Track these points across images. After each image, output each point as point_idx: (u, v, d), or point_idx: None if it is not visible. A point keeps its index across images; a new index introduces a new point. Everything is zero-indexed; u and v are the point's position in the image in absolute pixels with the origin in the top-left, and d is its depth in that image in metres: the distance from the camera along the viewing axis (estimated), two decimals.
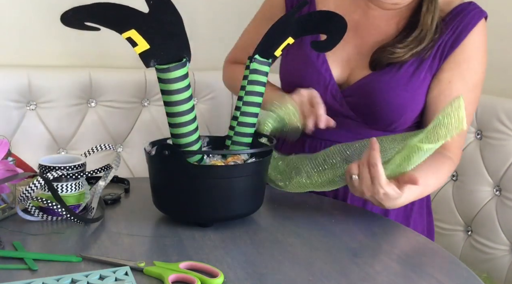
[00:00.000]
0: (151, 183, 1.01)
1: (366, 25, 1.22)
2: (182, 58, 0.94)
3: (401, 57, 1.16)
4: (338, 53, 1.21)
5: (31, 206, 0.97)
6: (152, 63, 0.93)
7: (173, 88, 0.94)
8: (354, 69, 1.22)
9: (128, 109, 1.66)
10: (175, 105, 0.95)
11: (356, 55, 1.22)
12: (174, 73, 0.93)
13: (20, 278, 0.78)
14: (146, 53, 0.92)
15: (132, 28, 0.90)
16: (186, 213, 0.98)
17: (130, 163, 1.68)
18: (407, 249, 0.94)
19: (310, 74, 1.22)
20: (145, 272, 0.81)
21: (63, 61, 1.68)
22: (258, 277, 0.82)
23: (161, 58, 0.93)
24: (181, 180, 0.95)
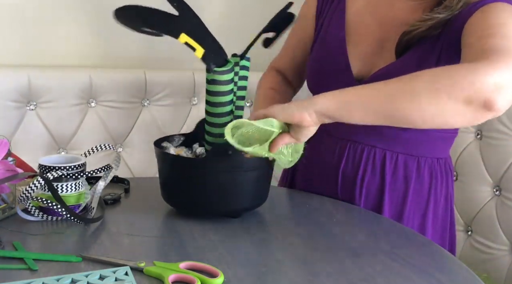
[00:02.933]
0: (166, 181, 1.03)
1: (390, 19, 1.18)
2: (225, 60, 0.98)
3: (415, 30, 1.07)
4: (361, 48, 1.19)
5: (31, 206, 0.97)
6: (212, 66, 0.95)
7: (225, 89, 0.98)
8: (376, 64, 1.18)
9: (128, 109, 1.66)
10: (221, 106, 0.99)
11: (380, 50, 1.18)
12: (229, 74, 0.98)
13: (20, 278, 0.78)
14: (205, 57, 0.95)
15: (181, 31, 0.91)
16: (216, 206, 1.01)
17: (130, 163, 1.69)
18: (407, 249, 0.94)
19: (330, 67, 1.20)
20: (145, 272, 0.81)
21: (63, 61, 1.68)
22: (258, 277, 0.82)
23: (214, 61, 0.96)
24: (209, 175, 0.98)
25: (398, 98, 0.85)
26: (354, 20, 1.22)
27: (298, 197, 1.17)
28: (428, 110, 0.84)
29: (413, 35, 1.09)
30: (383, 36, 1.18)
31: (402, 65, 1.11)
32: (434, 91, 0.82)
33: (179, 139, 1.10)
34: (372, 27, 1.19)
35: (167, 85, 1.68)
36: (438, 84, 0.82)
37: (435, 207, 1.22)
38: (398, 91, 0.85)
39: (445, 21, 1.07)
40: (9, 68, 1.58)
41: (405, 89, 0.85)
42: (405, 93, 0.84)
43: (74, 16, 1.66)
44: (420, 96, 0.83)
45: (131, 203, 1.11)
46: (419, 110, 0.84)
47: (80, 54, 1.70)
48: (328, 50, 1.22)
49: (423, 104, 0.83)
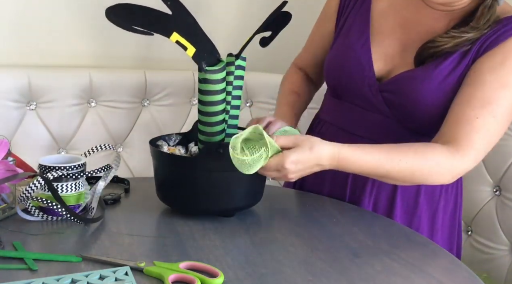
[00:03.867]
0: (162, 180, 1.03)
1: (414, 23, 1.17)
2: (218, 59, 0.98)
3: (442, 45, 1.09)
4: (383, 48, 1.19)
5: (31, 206, 0.97)
6: (204, 65, 0.95)
7: (217, 89, 0.98)
8: (396, 66, 1.17)
9: (128, 109, 1.66)
10: (212, 105, 0.99)
11: (401, 52, 1.17)
12: (221, 73, 0.98)
13: (20, 278, 0.78)
14: (196, 56, 0.94)
15: (173, 30, 0.92)
16: (208, 205, 1.01)
17: (130, 163, 1.68)
18: (407, 249, 0.94)
19: (351, 63, 1.19)
20: (145, 272, 0.81)
21: (63, 61, 1.68)
22: (258, 277, 0.82)
23: (206, 60, 0.96)
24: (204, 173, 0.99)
25: (387, 178, 1.05)
26: (378, 20, 1.21)
27: (298, 197, 1.17)
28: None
29: (439, 49, 1.10)
30: (405, 39, 1.17)
31: (424, 74, 1.11)
32: (423, 182, 1.08)
33: (176, 138, 1.10)
34: (396, 29, 1.19)
35: (167, 85, 1.68)
36: (427, 181, 1.07)
37: (444, 209, 1.22)
38: (388, 173, 1.03)
39: (473, 40, 1.08)
40: (9, 68, 1.58)
41: (407, 180, 1.06)
42: (393, 176, 1.03)
43: (74, 16, 1.66)
44: (406, 181, 1.06)
45: (131, 203, 1.11)
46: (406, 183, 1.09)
47: (80, 54, 1.70)
48: (351, 47, 1.21)
49: (410, 184, 1.13)
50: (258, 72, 1.61)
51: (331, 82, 1.26)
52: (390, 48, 1.18)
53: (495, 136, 1.06)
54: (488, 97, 1.04)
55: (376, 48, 1.19)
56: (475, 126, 1.04)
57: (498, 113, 1.04)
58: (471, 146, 1.04)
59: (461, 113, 1.05)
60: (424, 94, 1.10)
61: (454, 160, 1.04)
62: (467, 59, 1.09)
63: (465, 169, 1.06)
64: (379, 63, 1.18)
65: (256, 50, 1.11)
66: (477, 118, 1.04)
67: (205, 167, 0.98)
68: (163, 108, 1.69)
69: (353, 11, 1.25)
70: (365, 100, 1.18)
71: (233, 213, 1.04)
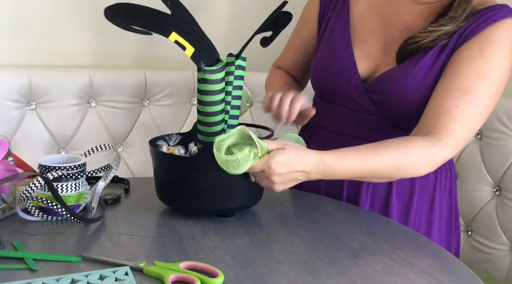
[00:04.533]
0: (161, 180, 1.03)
1: (394, 21, 1.20)
2: (217, 59, 0.98)
3: (421, 41, 1.12)
4: (366, 48, 1.21)
5: (31, 206, 0.97)
6: (202, 65, 0.95)
7: (216, 89, 0.98)
8: (380, 65, 1.19)
9: (128, 109, 1.66)
10: (212, 105, 0.99)
11: (384, 51, 1.20)
12: (220, 73, 0.98)
13: (20, 278, 0.78)
14: (195, 56, 0.94)
15: (172, 30, 0.92)
16: (206, 205, 1.01)
17: (130, 163, 1.68)
18: (407, 249, 0.94)
19: (336, 67, 1.22)
20: (145, 272, 0.81)
21: (63, 61, 1.68)
22: (258, 277, 0.82)
23: (205, 60, 0.96)
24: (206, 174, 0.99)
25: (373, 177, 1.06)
26: (358, 21, 1.23)
27: (298, 197, 1.17)
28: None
29: (419, 44, 1.12)
30: (387, 38, 1.20)
31: (405, 71, 1.14)
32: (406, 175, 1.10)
33: (176, 138, 1.10)
34: (376, 28, 1.21)
35: (167, 85, 1.68)
36: (410, 174, 1.09)
37: (440, 203, 1.24)
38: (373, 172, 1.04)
39: (451, 33, 1.11)
40: (9, 68, 1.58)
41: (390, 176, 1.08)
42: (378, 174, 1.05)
43: (74, 16, 1.66)
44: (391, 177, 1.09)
45: (131, 203, 1.11)
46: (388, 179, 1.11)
47: (80, 54, 1.70)
48: (334, 51, 1.23)
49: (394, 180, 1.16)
50: (258, 72, 1.61)
51: (319, 86, 1.27)
52: (373, 48, 1.20)
53: (475, 124, 1.09)
54: (467, 87, 1.06)
55: (359, 50, 1.21)
56: (455, 115, 1.06)
57: (477, 102, 1.06)
58: (451, 135, 1.06)
59: (441, 103, 1.07)
60: (407, 91, 1.13)
61: (435, 150, 1.05)
62: (446, 52, 1.12)
63: (446, 158, 1.09)
64: (363, 64, 1.20)
65: (256, 50, 1.11)
66: (456, 107, 1.06)
67: (203, 167, 0.98)
68: (163, 108, 1.69)
69: (333, 15, 1.27)
70: (353, 101, 1.20)
71: (232, 213, 1.04)
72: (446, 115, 1.06)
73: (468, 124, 1.07)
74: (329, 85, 1.23)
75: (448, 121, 1.06)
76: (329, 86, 1.24)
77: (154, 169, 1.05)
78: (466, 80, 1.07)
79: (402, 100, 1.14)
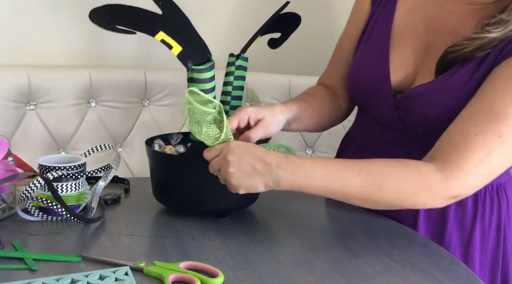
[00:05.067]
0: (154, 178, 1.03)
1: (439, 23, 1.02)
2: (208, 58, 0.98)
3: (462, 49, 0.93)
4: (405, 54, 1.04)
5: (31, 206, 0.97)
6: (190, 64, 0.95)
7: (205, 88, 0.97)
8: (418, 76, 1.03)
9: (128, 109, 1.66)
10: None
11: (423, 58, 1.03)
12: (209, 73, 0.97)
13: (20, 278, 0.78)
14: (182, 55, 0.94)
15: (160, 30, 0.92)
16: (208, 206, 1.00)
17: (130, 163, 1.68)
18: (407, 249, 0.94)
19: (367, 76, 1.07)
20: (145, 272, 0.81)
21: (63, 61, 1.68)
22: (258, 277, 0.82)
23: (193, 59, 0.96)
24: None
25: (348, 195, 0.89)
26: (403, 19, 1.07)
27: (298, 197, 1.17)
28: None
29: (459, 54, 0.94)
30: (429, 42, 1.03)
31: (435, 87, 0.98)
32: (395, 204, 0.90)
33: (178, 137, 1.10)
34: (419, 30, 1.05)
35: (167, 85, 1.68)
36: (399, 201, 0.89)
37: (482, 239, 1.05)
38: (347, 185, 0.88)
39: (496, 42, 0.92)
40: (9, 68, 1.58)
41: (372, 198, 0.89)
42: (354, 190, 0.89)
43: (74, 16, 1.66)
44: (379, 204, 0.91)
45: (131, 203, 1.11)
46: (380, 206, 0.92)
47: (80, 54, 1.69)
48: (368, 57, 1.09)
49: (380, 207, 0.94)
50: (259, 72, 1.61)
51: (352, 93, 1.14)
52: (412, 54, 1.04)
53: (501, 160, 0.88)
54: (496, 112, 0.87)
55: (397, 55, 1.05)
56: (473, 144, 0.86)
57: (507, 133, 0.86)
58: (461, 166, 0.86)
59: (459, 127, 0.89)
60: (434, 110, 0.97)
61: (432, 179, 0.86)
62: (485, 65, 0.93)
63: (451, 193, 0.88)
64: (399, 74, 1.04)
65: (257, 50, 1.11)
66: (476, 135, 0.86)
67: (190, 166, 0.98)
68: (163, 108, 1.69)
69: (378, 10, 1.11)
70: (383, 116, 1.05)
71: (225, 215, 1.03)
72: (462, 142, 0.87)
73: (490, 159, 0.86)
74: (364, 96, 1.09)
75: (462, 150, 0.86)
76: (361, 95, 1.10)
77: (150, 169, 1.05)
78: (498, 104, 0.87)
79: (427, 122, 0.97)
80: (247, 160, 0.88)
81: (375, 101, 1.06)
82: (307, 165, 0.88)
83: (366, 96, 1.08)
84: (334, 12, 1.72)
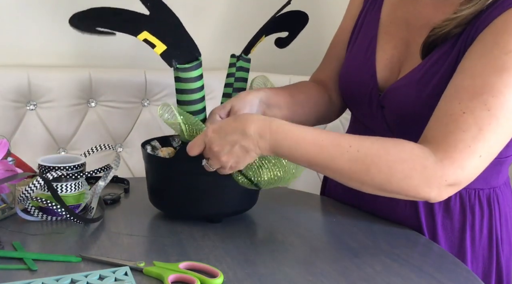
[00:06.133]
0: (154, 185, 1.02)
1: (416, 16, 1.01)
2: (196, 58, 0.97)
3: (441, 31, 0.91)
4: (389, 51, 1.03)
5: (30, 206, 0.97)
6: (174, 63, 0.95)
7: (191, 87, 0.97)
8: (401, 72, 1.01)
9: (128, 109, 1.66)
10: (190, 104, 0.98)
11: (406, 53, 1.01)
12: (195, 72, 0.96)
13: (20, 278, 0.78)
14: (166, 54, 0.94)
15: (143, 30, 0.92)
16: (201, 211, 0.99)
17: (130, 163, 1.68)
18: (407, 249, 0.94)
19: (355, 73, 1.06)
20: (145, 272, 0.81)
21: (63, 61, 1.68)
22: (258, 277, 0.81)
23: (179, 58, 0.95)
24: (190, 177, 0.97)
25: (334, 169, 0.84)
26: (388, 17, 1.06)
27: (298, 197, 1.17)
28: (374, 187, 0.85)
29: (438, 35, 0.93)
30: (409, 38, 1.01)
31: (405, 79, 0.97)
32: (386, 186, 0.83)
33: (179, 139, 1.09)
34: (401, 26, 1.03)
35: (167, 85, 1.68)
36: (390, 183, 0.83)
37: (473, 249, 1.02)
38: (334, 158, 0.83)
39: (470, 18, 0.90)
40: (9, 68, 1.58)
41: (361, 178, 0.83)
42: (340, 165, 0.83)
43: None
44: (368, 185, 0.84)
45: (131, 203, 1.11)
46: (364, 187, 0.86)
47: (80, 54, 1.69)
48: (357, 54, 1.08)
49: (369, 190, 0.86)
50: (259, 72, 1.60)
51: (347, 100, 1.11)
52: (396, 50, 1.03)
53: (495, 134, 0.82)
54: (479, 85, 0.83)
55: (383, 53, 1.03)
56: (461, 122, 0.82)
57: (494, 104, 0.81)
58: (454, 146, 0.81)
59: (445, 108, 0.85)
60: (410, 105, 0.94)
61: (426, 160, 0.81)
62: (460, 42, 0.91)
63: (448, 178, 0.82)
64: (385, 72, 1.03)
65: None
66: (464, 112, 0.82)
67: (179, 169, 0.97)
68: None
69: (368, 6, 1.10)
70: (370, 117, 1.04)
71: (219, 220, 1.01)
72: (451, 123, 0.83)
73: (483, 136, 0.81)
74: (350, 93, 1.07)
75: (453, 130, 0.82)
76: (350, 95, 1.08)
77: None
78: (478, 77, 0.83)
79: (405, 119, 0.93)
80: (232, 140, 0.84)
81: (363, 102, 1.04)
82: (292, 137, 0.83)
83: (355, 96, 1.06)
84: (334, 12, 1.72)
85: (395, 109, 0.98)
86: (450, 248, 1.02)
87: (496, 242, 1.02)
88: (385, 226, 1.05)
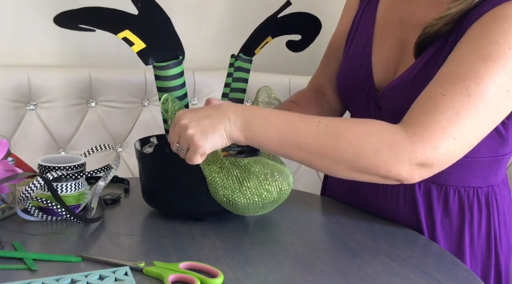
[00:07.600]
0: (147, 182, 1.03)
1: (409, 17, 1.02)
2: (178, 56, 0.96)
3: (431, 29, 0.92)
4: (384, 50, 1.04)
5: (30, 206, 0.97)
6: (151, 61, 0.95)
7: (170, 85, 0.96)
8: (397, 73, 1.02)
9: (128, 109, 1.66)
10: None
11: (400, 53, 1.02)
12: (172, 70, 0.96)
13: (20, 278, 0.78)
14: (143, 52, 0.95)
15: (126, 28, 0.92)
16: (185, 208, 1.00)
17: (130, 163, 1.68)
18: (407, 249, 0.94)
19: (352, 77, 1.06)
20: (145, 272, 0.81)
21: (63, 61, 1.68)
22: (258, 277, 0.81)
23: (158, 56, 0.95)
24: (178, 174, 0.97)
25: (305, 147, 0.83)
26: (383, 18, 1.07)
27: (297, 197, 1.17)
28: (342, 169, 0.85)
29: (429, 34, 0.93)
30: (403, 38, 1.02)
31: (399, 78, 0.98)
32: (356, 162, 0.83)
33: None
34: (395, 27, 1.04)
35: None
36: (360, 158, 0.82)
37: (471, 248, 1.03)
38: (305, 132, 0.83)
39: (458, 16, 0.91)
40: (9, 68, 1.58)
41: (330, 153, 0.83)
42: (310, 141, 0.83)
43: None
44: (340, 163, 0.84)
45: (131, 203, 1.11)
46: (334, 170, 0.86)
47: (80, 54, 1.70)
48: (353, 56, 1.08)
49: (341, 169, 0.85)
50: (259, 72, 1.61)
51: (345, 102, 1.12)
52: (391, 51, 1.03)
53: (471, 121, 0.81)
54: (462, 71, 0.82)
55: (379, 54, 1.04)
56: (440, 104, 0.81)
57: (475, 91, 0.80)
58: (426, 125, 0.80)
59: (426, 91, 0.85)
60: (405, 100, 0.91)
61: (396, 135, 0.81)
62: (451, 40, 0.92)
63: (418, 156, 0.80)
64: (381, 72, 1.03)
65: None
66: (443, 95, 0.81)
67: (156, 164, 0.99)
68: None
69: (363, 7, 1.11)
70: (370, 118, 1.00)
71: (203, 218, 1.00)
72: (429, 103, 0.82)
73: (459, 120, 0.80)
74: (348, 96, 1.08)
75: (428, 110, 0.81)
76: (348, 98, 1.08)
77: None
78: (463, 63, 0.83)
79: (400, 115, 0.88)
80: (202, 113, 0.84)
81: (361, 103, 1.05)
82: (263, 114, 0.84)
83: (352, 98, 1.07)
84: (334, 12, 1.72)
85: (392, 110, 0.99)
86: (449, 247, 1.02)
87: (495, 240, 1.03)
88: (385, 226, 1.05)
